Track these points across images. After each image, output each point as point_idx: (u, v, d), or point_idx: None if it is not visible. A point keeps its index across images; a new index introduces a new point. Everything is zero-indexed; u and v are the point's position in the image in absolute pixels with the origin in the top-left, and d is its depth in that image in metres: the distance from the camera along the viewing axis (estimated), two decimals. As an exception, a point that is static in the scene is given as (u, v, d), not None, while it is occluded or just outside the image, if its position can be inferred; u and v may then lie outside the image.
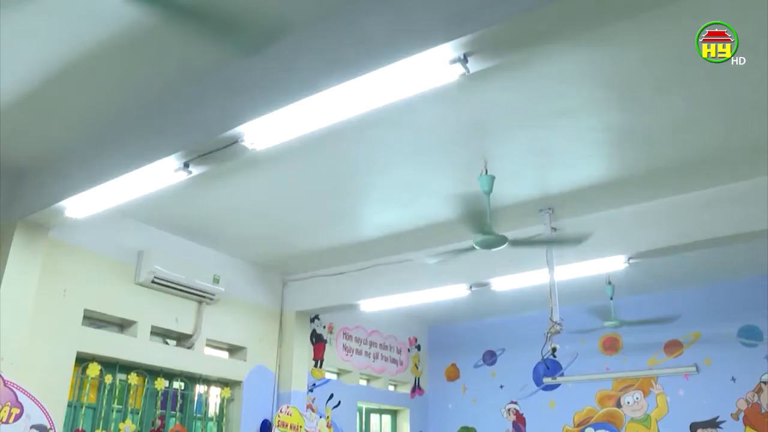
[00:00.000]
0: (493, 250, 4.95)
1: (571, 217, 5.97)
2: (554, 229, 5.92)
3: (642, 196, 5.64)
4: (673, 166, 5.07)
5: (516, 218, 5.88)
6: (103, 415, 5.92)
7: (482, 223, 4.69)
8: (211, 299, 6.82)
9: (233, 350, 7.37)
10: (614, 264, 6.04)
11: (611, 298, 7.50)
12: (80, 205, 4.94)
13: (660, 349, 8.41)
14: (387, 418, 9.78)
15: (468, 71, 3.10)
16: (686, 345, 8.25)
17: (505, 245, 4.87)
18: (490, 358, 9.85)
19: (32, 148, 5.01)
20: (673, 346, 8.34)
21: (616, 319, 7.53)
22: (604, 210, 5.89)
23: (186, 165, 4.17)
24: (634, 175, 5.24)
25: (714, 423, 7.88)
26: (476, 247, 4.90)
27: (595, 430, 8.67)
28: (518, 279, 6.53)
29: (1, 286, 5.03)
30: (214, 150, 3.98)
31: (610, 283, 7.38)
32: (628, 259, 5.92)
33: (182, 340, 6.75)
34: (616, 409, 8.57)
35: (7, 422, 4.79)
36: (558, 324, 5.72)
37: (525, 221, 5.94)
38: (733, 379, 7.84)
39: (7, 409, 4.81)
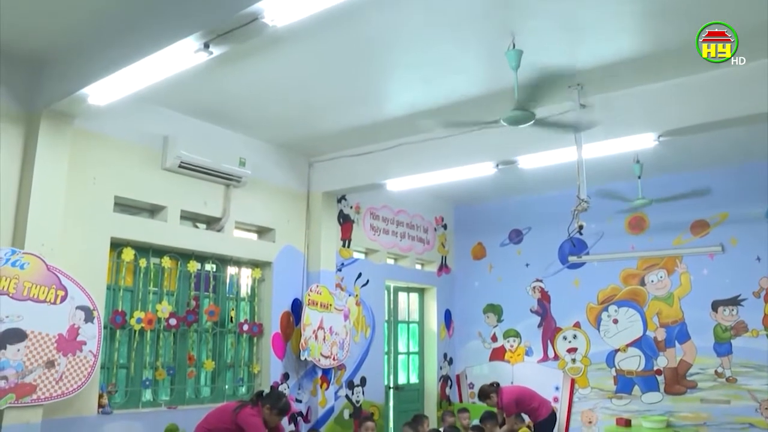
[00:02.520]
0: (521, 126, 4.87)
1: (601, 93, 5.81)
2: (583, 105, 5.76)
3: (675, 72, 5.43)
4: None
5: (544, 94, 5.72)
6: (140, 297, 6.15)
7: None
8: (238, 182, 6.87)
9: (262, 232, 7.50)
10: (643, 142, 5.92)
11: (639, 177, 7.44)
12: (102, 92, 4.90)
13: (686, 229, 8.41)
14: (414, 296, 10.04)
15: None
16: (713, 225, 8.23)
17: (532, 122, 4.79)
18: (516, 236, 9.94)
19: (50, 36, 4.92)
20: (699, 227, 8.33)
21: (643, 197, 7.49)
22: (634, 86, 5.71)
23: (206, 45, 4.08)
24: (668, 49, 5.02)
25: (735, 300, 7.99)
26: (503, 123, 4.82)
27: (618, 307, 8.84)
28: (545, 157, 6.45)
29: (33, 176, 5.12)
30: (234, 28, 3.87)
31: (638, 161, 7.29)
32: (658, 137, 5.79)
33: (212, 223, 6.88)
34: (640, 287, 8.69)
35: (54, 303, 5.05)
36: (585, 201, 5.71)
37: (553, 97, 5.79)
38: (758, 259, 7.87)
39: (53, 291, 5.05)
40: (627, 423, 8.29)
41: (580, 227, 5.81)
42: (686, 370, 8.21)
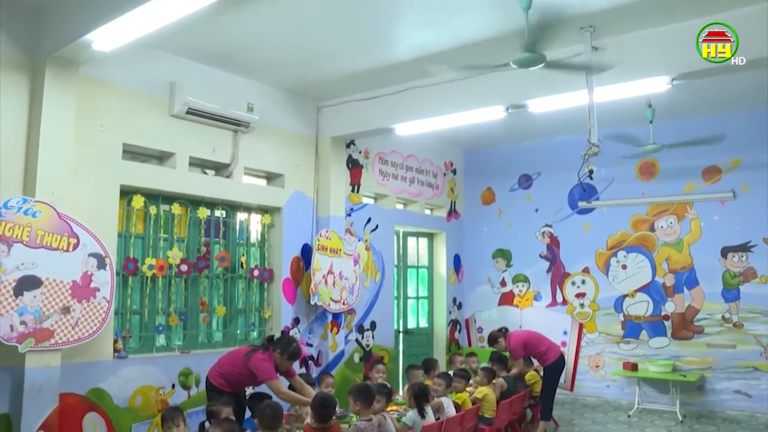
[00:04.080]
0: (531, 69, 4.78)
1: (613, 36, 5.67)
2: (595, 48, 5.63)
3: (690, 13, 5.27)
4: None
5: (555, 36, 5.60)
6: (151, 243, 6.20)
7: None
8: (247, 128, 6.83)
9: (271, 177, 7.50)
10: (656, 85, 5.82)
11: (651, 122, 7.34)
12: (107, 38, 4.82)
13: (698, 175, 8.36)
14: (424, 241, 10.08)
15: None
16: (725, 171, 8.17)
17: (542, 64, 4.70)
18: (525, 182, 9.91)
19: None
20: (711, 172, 8.27)
21: (655, 143, 7.41)
22: (648, 28, 5.58)
23: (211, -14, 4.01)
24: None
25: (745, 247, 7.99)
26: (513, 65, 4.73)
27: (627, 253, 8.86)
28: (556, 100, 6.36)
29: (41, 124, 5.09)
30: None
31: (650, 106, 7.18)
32: (672, 80, 5.69)
33: (220, 169, 6.87)
34: (650, 233, 8.68)
35: (67, 250, 5.10)
36: (596, 146, 5.64)
37: (565, 40, 5.65)
38: (770, 205, 7.85)
39: (65, 239, 5.09)
40: (634, 367, 8.41)
41: (591, 172, 5.76)
42: (693, 316, 8.27)
